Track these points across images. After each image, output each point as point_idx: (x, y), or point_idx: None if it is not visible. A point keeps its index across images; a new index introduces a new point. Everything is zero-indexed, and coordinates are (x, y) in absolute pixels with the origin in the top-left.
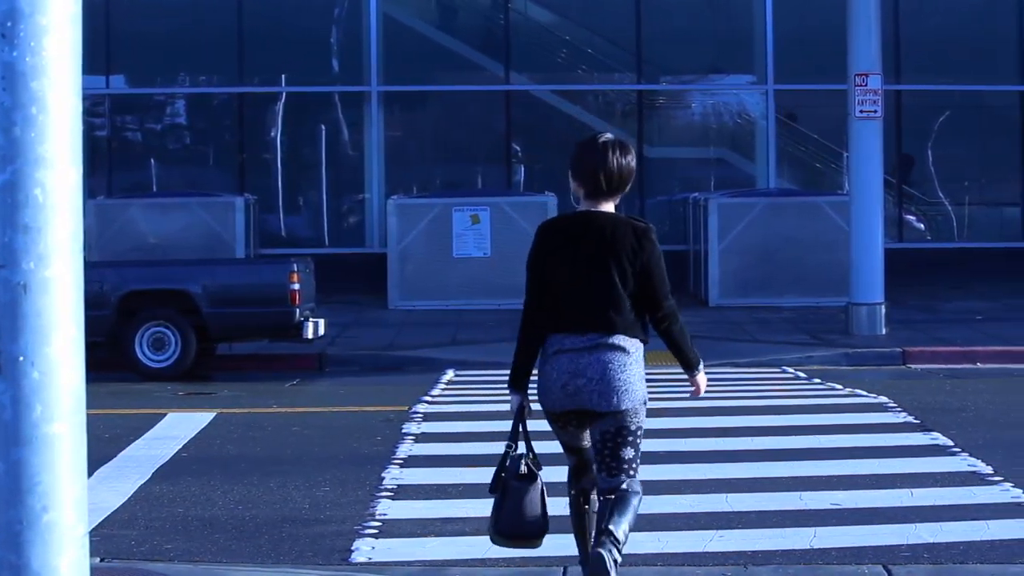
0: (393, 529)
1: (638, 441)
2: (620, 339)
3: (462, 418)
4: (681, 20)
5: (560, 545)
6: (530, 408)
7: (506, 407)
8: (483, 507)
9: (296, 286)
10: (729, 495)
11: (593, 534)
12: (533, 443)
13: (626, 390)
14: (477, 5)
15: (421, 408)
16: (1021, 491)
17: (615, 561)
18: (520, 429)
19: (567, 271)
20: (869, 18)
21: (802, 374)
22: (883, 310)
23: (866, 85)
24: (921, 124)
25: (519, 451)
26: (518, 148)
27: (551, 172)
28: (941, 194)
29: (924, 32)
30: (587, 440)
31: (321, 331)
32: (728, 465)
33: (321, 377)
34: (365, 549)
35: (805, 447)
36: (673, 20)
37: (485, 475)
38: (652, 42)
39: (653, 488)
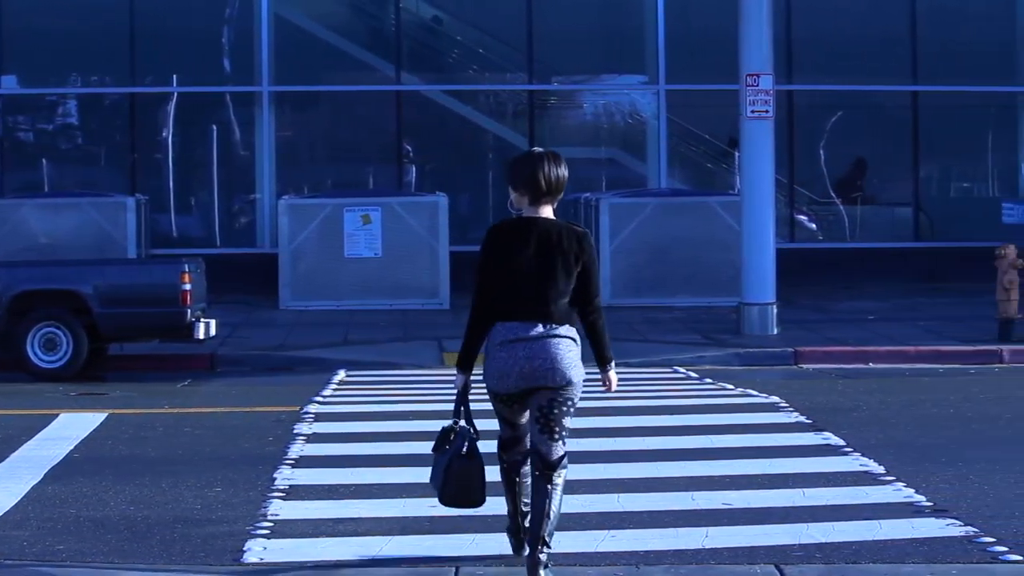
0: (285, 529)
1: (572, 411)
2: (564, 329)
3: (353, 418)
4: (573, 20)
5: (453, 545)
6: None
7: (398, 407)
8: (375, 507)
9: (187, 286)
10: (621, 495)
11: (527, 535)
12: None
13: (574, 368)
14: (368, 6)
15: (312, 408)
16: (913, 491)
17: (546, 566)
18: (463, 406)
19: (516, 269)
20: (761, 19)
21: (694, 374)
22: (774, 310)
23: (757, 85)
24: (813, 124)
25: (462, 425)
26: (409, 148)
27: (442, 172)
28: (833, 194)
29: (816, 32)
30: (525, 417)
31: (212, 331)
32: (620, 465)
33: (213, 377)
34: (257, 549)
35: (697, 447)
36: (565, 20)
37: (377, 475)
38: (543, 42)
39: None
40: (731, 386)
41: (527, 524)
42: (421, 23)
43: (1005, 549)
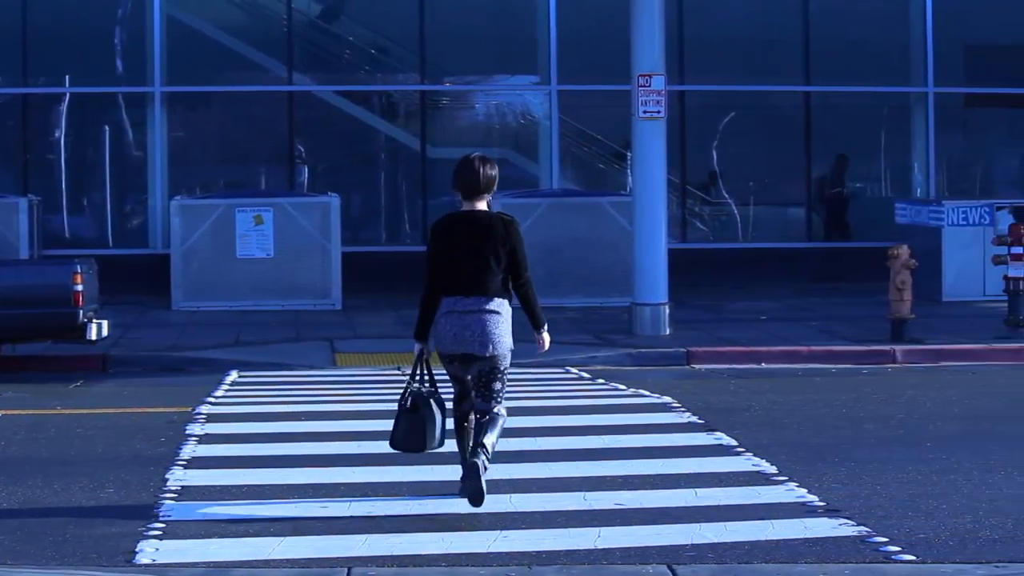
0: (177, 530)
1: (504, 377)
2: (495, 303)
3: (245, 419)
4: (465, 21)
5: (346, 546)
6: (429, 352)
7: (289, 408)
8: (268, 508)
9: (79, 287)
10: (513, 495)
11: (470, 445)
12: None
13: (498, 341)
14: (260, 7)
15: (204, 409)
16: (805, 491)
17: (485, 467)
18: (421, 369)
19: (457, 253)
20: (653, 19)
21: (586, 374)
22: (667, 310)
23: (649, 86)
24: (705, 124)
25: (415, 386)
26: (302, 149)
27: (335, 173)
28: (726, 194)
29: (708, 33)
30: (469, 375)
31: (105, 332)
32: (512, 465)
33: (105, 378)
34: (149, 551)
35: (589, 447)
36: (457, 21)
37: (269, 476)
38: (436, 43)
39: (438, 489)
40: (623, 386)
41: (469, 449)
42: (313, 24)
43: (898, 549)
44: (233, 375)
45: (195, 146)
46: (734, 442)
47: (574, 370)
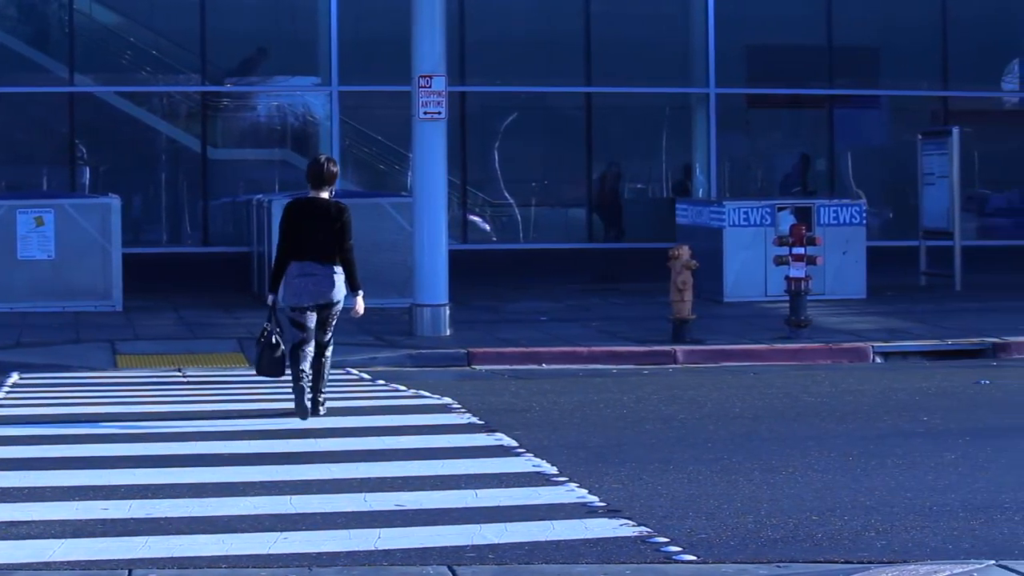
0: None
1: (337, 317)
2: (334, 267)
3: (26, 422)
4: (246, 22)
5: (127, 547)
6: (278, 303)
7: (70, 410)
8: (49, 510)
9: None
10: (293, 497)
11: (308, 381)
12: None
13: (338, 291)
14: (40, 7)
15: None
16: (586, 491)
17: (324, 405)
18: (273, 317)
19: (304, 229)
20: (433, 20)
21: (367, 376)
22: (447, 311)
23: (430, 87)
24: (487, 126)
25: (270, 327)
26: (83, 150)
27: (116, 174)
28: (507, 195)
29: (490, 34)
30: (312, 322)
31: None
32: (293, 467)
33: None
34: None
35: (369, 448)
36: (238, 22)
37: (50, 478)
38: (217, 44)
39: (216, 491)
40: (404, 387)
41: (307, 386)
42: (94, 25)
43: (679, 549)
44: (14, 377)
45: None
46: (515, 443)
47: (355, 371)
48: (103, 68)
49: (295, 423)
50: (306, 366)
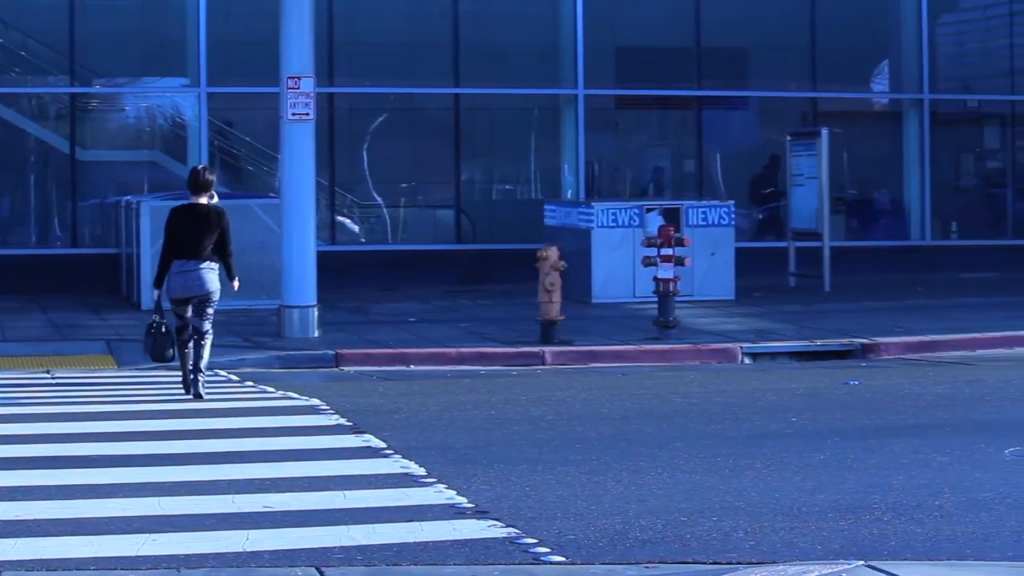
0: None
1: (214, 306)
2: (211, 264)
3: None
4: (115, 23)
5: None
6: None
7: None
8: None
9: None
10: (162, 499)
11: (191, 361)
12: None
13: (212, 283)
14: None
15: None
16: (454, 492)
17: (203, 384)
18: (159, 307)
19: (185, 230)
20: (302, 21)
21: (235, 377)
22: (316, 312)
23: (299, 88)
24: (355, 127)
25: (157, 319)
26: None
27: None
28: (376, 196)
29: (359, 36)
30: (190, 312)
31: None
32: (161, 468)
33: None
34: None
35: (237, 450)
36: (107, 23)
37: None
38: (86, 45)
39: (84, 492)
40: (272, 389)
41: (191, 369)
42: None
43: (547, 550)
44: None
45: None
46: (383, 444)
47: (223, 373)
48: None
49: (163, 424)
50: (189, 350)
